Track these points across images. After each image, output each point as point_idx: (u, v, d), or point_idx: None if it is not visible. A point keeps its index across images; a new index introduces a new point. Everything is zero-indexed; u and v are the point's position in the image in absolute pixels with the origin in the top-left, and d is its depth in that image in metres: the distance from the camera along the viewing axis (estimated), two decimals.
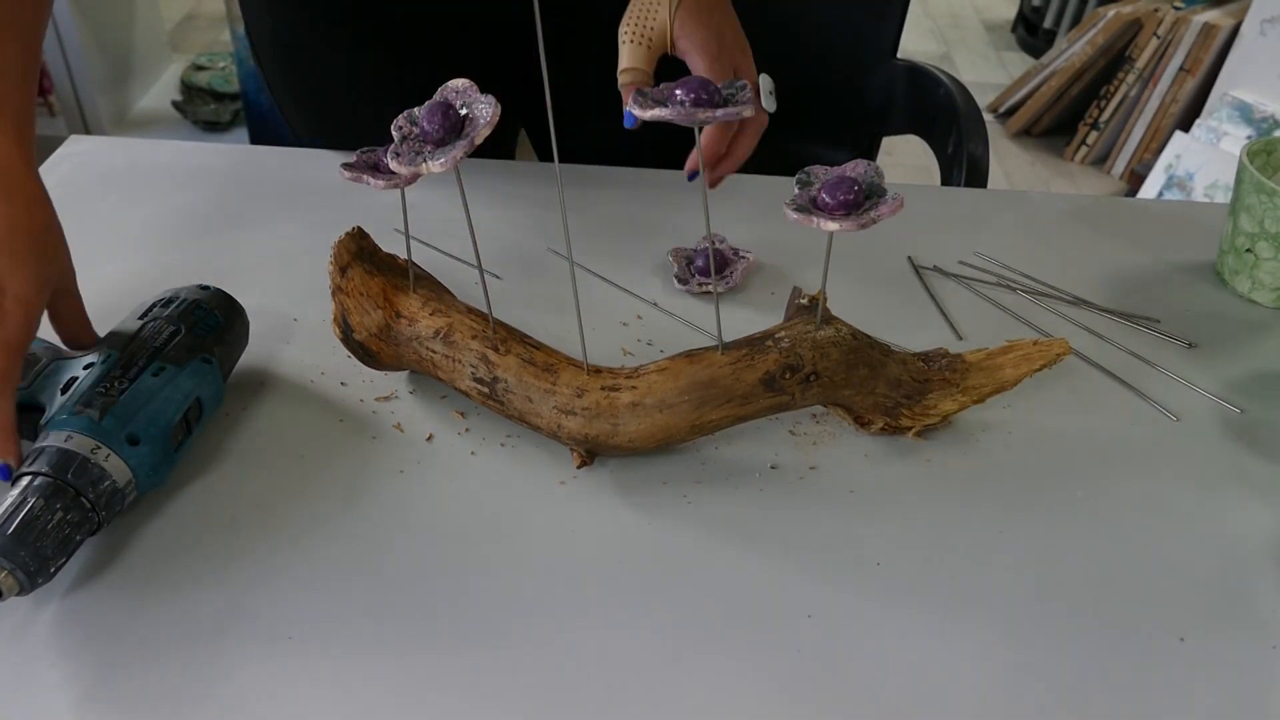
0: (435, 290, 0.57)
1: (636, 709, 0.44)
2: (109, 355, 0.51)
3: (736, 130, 0.68)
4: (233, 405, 0.58)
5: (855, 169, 0.48)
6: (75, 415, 0.48)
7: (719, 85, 0.46)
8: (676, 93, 0.45)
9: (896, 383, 0.55)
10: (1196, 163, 2.06)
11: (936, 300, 0.70)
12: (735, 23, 0.69)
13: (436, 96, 0.48)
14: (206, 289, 0.57)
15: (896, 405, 0.56)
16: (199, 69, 2.30)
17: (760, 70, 0.69)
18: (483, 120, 0.46)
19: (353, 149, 0.55)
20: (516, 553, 0.51)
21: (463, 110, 0.47)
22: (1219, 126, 2.06)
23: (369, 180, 0.50)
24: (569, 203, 0.76)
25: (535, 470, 0.55)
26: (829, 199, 0.46)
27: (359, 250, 0.57)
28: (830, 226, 0.45)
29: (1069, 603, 0.49)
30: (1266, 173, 0.72)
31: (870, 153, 1.07)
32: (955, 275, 0.72)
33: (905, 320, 0.68)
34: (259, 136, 2.07)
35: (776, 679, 0.46)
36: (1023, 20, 3.06)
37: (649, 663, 0.46)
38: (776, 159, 0.82)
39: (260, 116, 2.05)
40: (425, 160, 0.45)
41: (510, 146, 0.99)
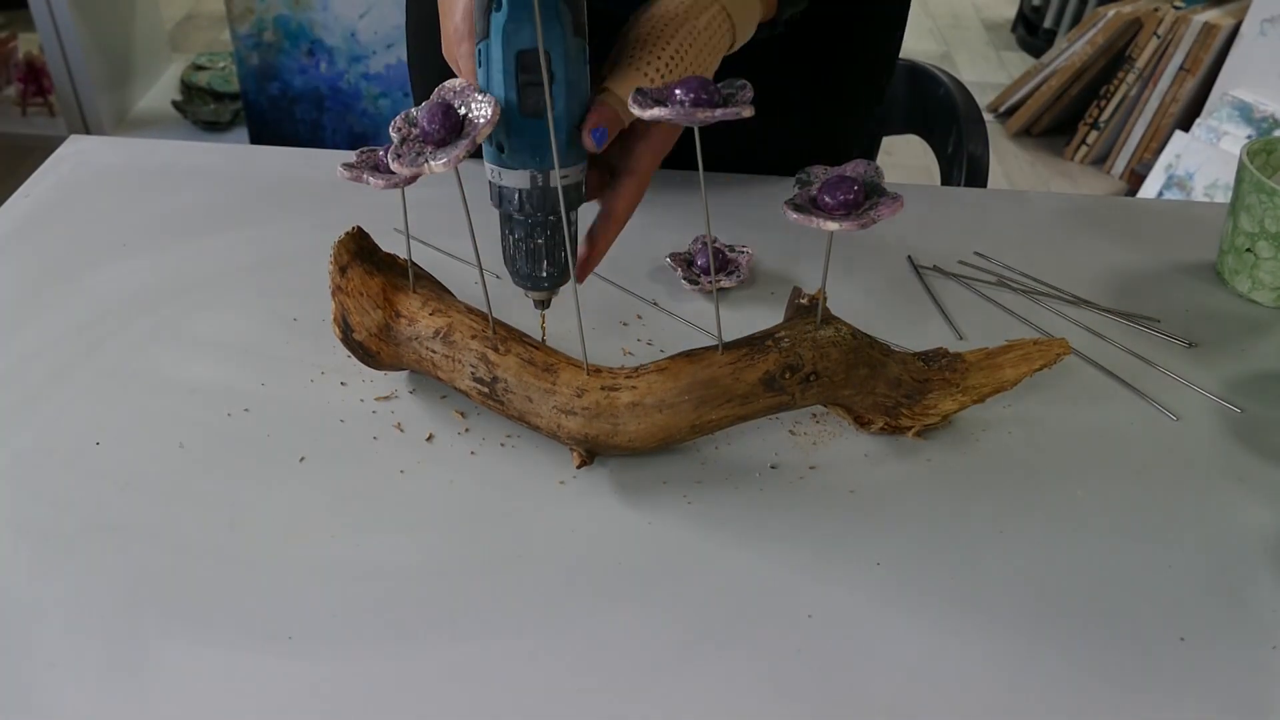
0: (435, 290, 0.57)
1: (637, 708, 0.44)
2: None
3: (598, 221, 0.55)
4: (233, 405, 0.58)
5: (855, 169, 0.48)
6: None
7: (718, 86, 0.46)
8: (676, 92, 0.45)
9: (896, 382, 0.55)
10: (1196, 162, 2.06)
11: (936, 300, 0.70)
12: None
13: (434, 96, 0.48)
14: None
15: (896, 405, 0.56)
16: (199, 69, 2.30)
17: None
18: (482, 120, 0.46)
19: None
20: (516, 553, 0.51)
21: (461, 110, 0.47)
22: (1219, 126, 2.06)
23: (369, 180, 0.50)
24: None
25: (535, 470, 0.55)
26: (829, 199, 0.46)
27: (359, 250, 0.57)
28: (830, 226, 0.45)
29: (1069, 602, 0.49)
30: (1266, 172, 0.72)
31: (870, 152, 1.07)
32: (955, 275, 0.72)
33: (905, 320, 0.68)
34: (259, 136, 2.07)
35: (776, 679, 0.46)
36: (1023, 20, 3.06)
37: (649, 662, 0.46)
38: (775, 158, 0.82)
39: (260, 116, 2.04)
40: (427, 160, 0.45)
41: None
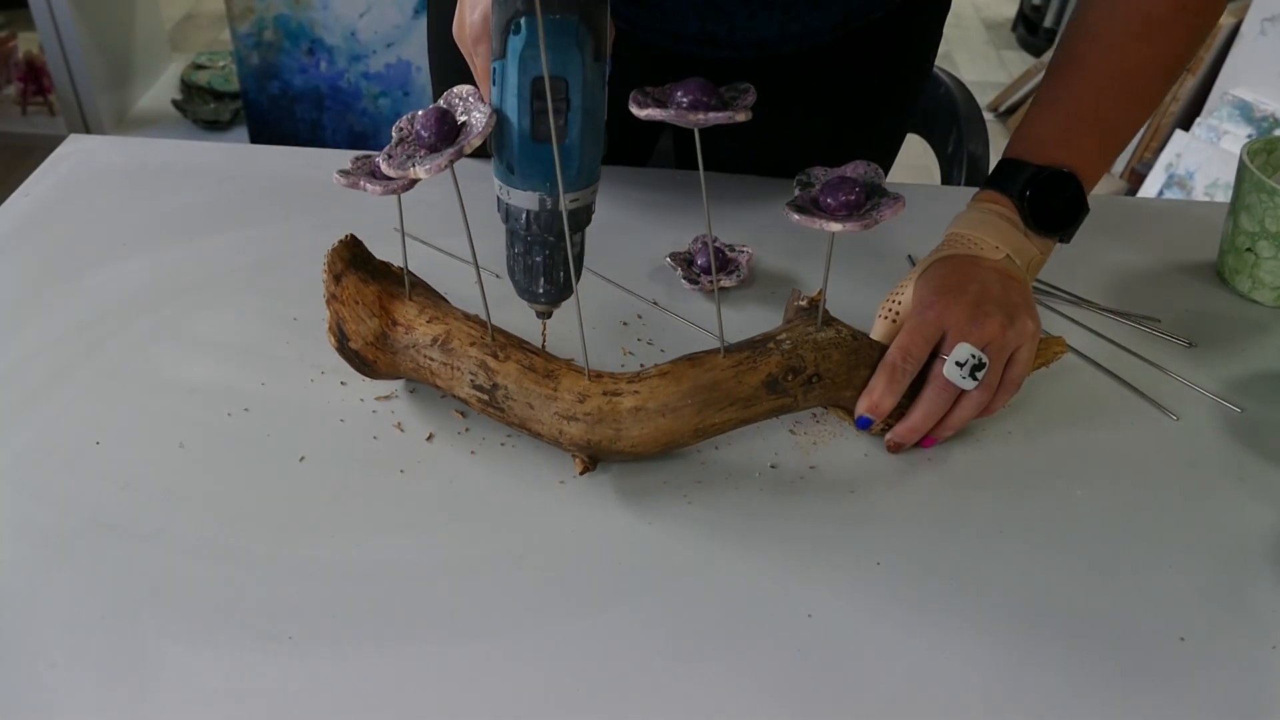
0: (431, 297, 0.57)
1: (637, 708, 0.44)
2: None
3: (955, 402, 0.56)
4: (233, 405, 0.58)
5: (855, 169, 0.48)
6: None
7: (721, 89, 0.46)
8: (676, 93, 0.45)
9: None
10: (1197, 161, 2.06)
11: None
12: (996, 290, 0.56)
13: (440, 101, 0.48)
14: None
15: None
16: (199, 68, 2.30)
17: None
18: (476, 128, 0.46)
19: None
20: (516, 553, 0.51)
21: (462, 117, 0.47)
22: (1219, 125, 2.06)
23: (365, 186, 0.50)
24: None
25: (535, 470, 0.55)
26: (830, 200, 0.46)
27: (353, 258, 0.56)
28: (834, 228, 0.45)
29: (1069, 602, 0.49)
30: (1267, 172, 0.72)
31: (891, 156, 1.06)
32: None
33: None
34: (259, 136, 2.07)
35: (776, 678, 0.46)
36: (1023, 19, 3.06)
37: (649, 662, 0.46)
38: (775, 157, 0.82)
39: (260, 116, 2.04)
40: (414, 165, 0.45)
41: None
